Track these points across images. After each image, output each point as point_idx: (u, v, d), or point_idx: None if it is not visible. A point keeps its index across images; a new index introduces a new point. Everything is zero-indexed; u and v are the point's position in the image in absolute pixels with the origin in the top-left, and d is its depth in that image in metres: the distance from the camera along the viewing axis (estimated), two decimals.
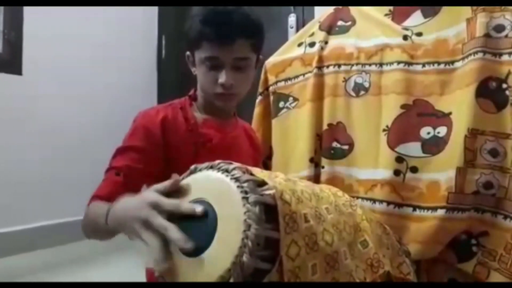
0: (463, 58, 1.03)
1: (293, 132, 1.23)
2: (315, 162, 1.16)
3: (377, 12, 1.22)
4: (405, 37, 1.12)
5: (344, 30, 1.25)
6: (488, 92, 0.97)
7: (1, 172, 2.07)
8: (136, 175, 0.88)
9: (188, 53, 1.02)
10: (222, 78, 0.91)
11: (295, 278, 0.55)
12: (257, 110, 1.33)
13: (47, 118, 2.29)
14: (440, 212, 0.96)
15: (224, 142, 1.01)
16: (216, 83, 0.93)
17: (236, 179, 0.56)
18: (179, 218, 0.59)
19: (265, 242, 0.53)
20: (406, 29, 1.14)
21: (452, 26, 1.07)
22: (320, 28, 1.29)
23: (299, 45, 1.31)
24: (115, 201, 0.72)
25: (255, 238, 0.52)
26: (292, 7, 2.44)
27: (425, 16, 1.14)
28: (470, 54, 1.01)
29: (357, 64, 1.17)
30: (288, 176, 0.68)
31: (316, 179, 1.14)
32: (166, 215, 0.58)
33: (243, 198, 0.54)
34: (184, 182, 0.63)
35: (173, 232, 0.56)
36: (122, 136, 0.97)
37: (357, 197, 1.06)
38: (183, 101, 1.02)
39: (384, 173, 1.04)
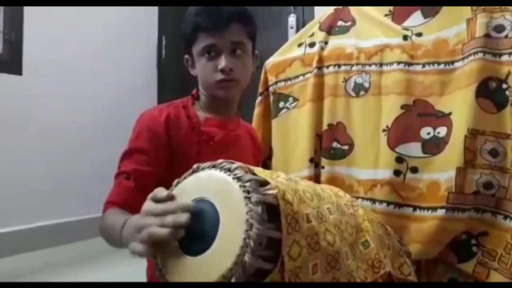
0: (463, 59, 1.03)
1: (293, 132, 1.23)
2: (315, 162, 1.16)
3: (377, 12, 1.22)
4: (405, 37, 1.12)
5: (344, 30, 1.25)
6: (488, 92, 0.97)
7: (1, 172, 2.07)
8: (146, 178, 0.89)
9: (186, 56, 1.03)
10: (222, 63, 0.95)
11: (295, 278, 0.55)
12: (257, 111, 1.33)
13: (47, 118, 2.29)
14: (440, 212, 0.96)
15: (226, 140, 1.01)
16: (216, 71, 0.96)
17: (239, 179, 0.56)
18: None
19: (267, 242, 0.53)
20: (406, 29, 1.14)
21: (452, 27, 1.07)
22: (320, 29, 1.29)
23: (299, 45, 1.31)
24: (129, 206, 0.76)
25: (257, 237, 0.52)
26: (292, 7, 2.45)
27: (425, 16, 1.14)
28: (470, 54, 1.01)
29: (357, 64, 1.17)
30: (289, 176, 0.68)
31: (316, 179, 1.14)
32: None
33: (245, 197, 0.54)
34: (187, 181, 0.63)
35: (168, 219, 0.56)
36: (122, 136, 0.97)
37: (357, 197, 1.06)
38: (185, 100, 1.03)
39: (384, 173, 1.05)
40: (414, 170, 1.02)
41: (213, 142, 0.98)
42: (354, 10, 1.28)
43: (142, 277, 0.97)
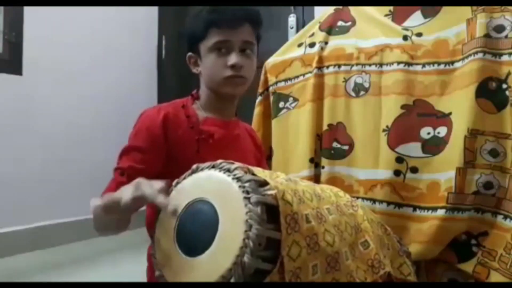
0: (463, 59, 1.03)
1: (293, 132, 1.23)
2: (315, 162, 1.16)
3: (377, 13, 1.22)
4: (405, 38, 1.12)
5: (344, 30, 1.25)
6: (488, 92, 0.97)
7: (2, 172, 2.07)
8: (139, 175, 0.89)
9: (189, 53, 1.03)
10: (232, 59, 0.96)
11: (296, 278, 0.55)
12: (257, 111, 1.33)
13: (47, 118, 2.29)
14: (440, 212, 0.96)
15: (226, 139, 1.01)
16: (226, 67, 0.97)
17: (238, 179, 0.56)
18: (180, 217, 0.60)
19: (267, 243, 0.53)
20: (406, 29, 1.14)
21: (452, 27, 1.07)
22: (320, 29, 1.29)
23: (299, 45, 1.31)
24: None
25: (256, 238, 0.52)
26: (292, 7, 2.44)
27: (425, 16, 1.14)
28: (470, 55, 1.01)
29: (357, 64, 1.17)
30: (289, 176, 0.68)
31: (316, 179, 1.14)
32: None
33: (245, 198, 0.54)
34: (186, 181, 0.63)
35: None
36: (122, 136, 0.97)
37: (357, 197, 1.06)
38: (185, 100, 1.04)
39: (384, 173, 1.05)
40: (414, 170, 1.02)
41: (212, 140, 0.98)
42: (354, 10, 1.28)
43: (142, 277, 0.97)
